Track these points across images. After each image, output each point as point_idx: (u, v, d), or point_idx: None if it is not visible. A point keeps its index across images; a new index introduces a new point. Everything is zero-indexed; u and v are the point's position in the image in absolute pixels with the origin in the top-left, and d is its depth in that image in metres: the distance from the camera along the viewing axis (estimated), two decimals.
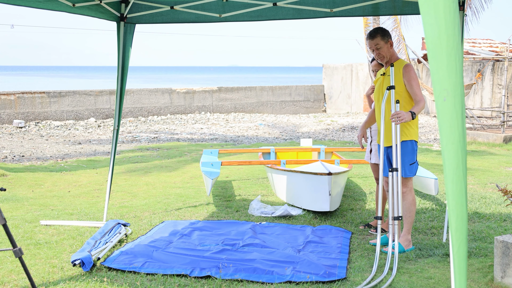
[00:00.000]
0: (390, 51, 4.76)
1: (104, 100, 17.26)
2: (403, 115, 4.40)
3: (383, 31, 4.79)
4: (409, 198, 4.68)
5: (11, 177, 8.15)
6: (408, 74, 4.62)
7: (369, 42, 4.77)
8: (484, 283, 3.89)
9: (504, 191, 4.29)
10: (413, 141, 4.67)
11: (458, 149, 1.49)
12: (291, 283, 3.90)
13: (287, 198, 6.44)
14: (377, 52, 4.75)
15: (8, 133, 14.06)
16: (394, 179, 4.50)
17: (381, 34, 4.74)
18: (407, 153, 4.64)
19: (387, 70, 4.75)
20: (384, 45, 4.72)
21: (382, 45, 4.72)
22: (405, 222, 4.70)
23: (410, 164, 4.63)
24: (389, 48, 4.75)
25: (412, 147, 4.67)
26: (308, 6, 5.42)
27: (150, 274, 4.09)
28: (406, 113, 4.43)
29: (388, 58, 4.76)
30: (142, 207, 6.37)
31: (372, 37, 4.74)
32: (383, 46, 4.72)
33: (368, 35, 4.79)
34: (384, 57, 4.76)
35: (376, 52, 4.76)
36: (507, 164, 9.37)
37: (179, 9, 5.63)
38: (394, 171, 4.50)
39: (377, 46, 4.73)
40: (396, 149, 4.55)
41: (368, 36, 4.79)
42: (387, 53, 4.75)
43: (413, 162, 4.67)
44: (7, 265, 4.25)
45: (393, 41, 4.88)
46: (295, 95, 21.29)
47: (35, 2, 4.73)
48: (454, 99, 1.46)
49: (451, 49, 1.45)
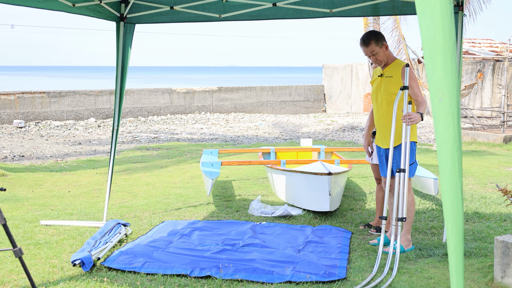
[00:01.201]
0: (386, 54, 4.67)
1: (104, 100, 17.27)
2: (414, 116, 4.35)
3: (376, 35, 4.66)
4: (408, 199, 4.67)
5: (11, 177, 8.15)
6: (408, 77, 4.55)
7: (364, 49, 4.67)
8: (484, 283, 3.89)
9: (504, 191, 4.30)
10: (412, 142, 4.65)
11: (454, 149, 1.50)
12: (291, 283, 3.91)
13: (287, 198, 6.44)
14: (374, 58, 4.66)
15: (8, 133, 14.07)
16: (401, 180, 4.46)
17: (375, 39, 4.62)
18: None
19: (385, 71, 4.69)
20: (380, 50, 4.63)
21: (377, 51, 4.63)
22: (404, 222, 4.70)
23: (409, 165, 4.61)
24: (384, 51, 4.65)
25: (412, 148, 4.65)
26: (308, 7, 5.42)
27: (150, 274, 4.09)
28: (416, 114, 4.38)
29: (386, 61, 4.68)
30: (142, 207, 6.38)
31: (366, 44, 4.63)
32: (379, 51, 4.63)
33: (362, 43, 4.66)
34: (381, 62, 4.68)
35: (372, 58, 4.67)
36: (507, 164, 9.38)
37: (179, 9, 5.63)
38: (402, 172, 4.45)
39: (373, 52, 4.63)
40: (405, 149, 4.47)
41: (362, 43, 4.66)
42: (384, 57, 4.66)
43: (412, 163, 4.66)
44: (7, 265, 4.26)
45: (388, 44, 4.77)
46: (295, 95, 21.30)
47: (35, 2, 4.73)
48: (450, 100, 1.46)
49: (447, 50, 1.46)
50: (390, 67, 4.68)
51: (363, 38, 4.66)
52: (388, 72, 4.67)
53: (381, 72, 4.73)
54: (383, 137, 4.76)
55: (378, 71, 4.81)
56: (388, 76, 4.65)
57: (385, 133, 4.71)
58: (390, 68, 4.68)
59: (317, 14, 5.45)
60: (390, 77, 4.64)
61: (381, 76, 4.71)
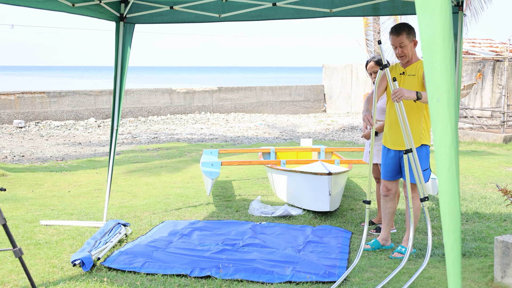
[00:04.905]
0: (413, 50, 4.42)
1: (104, 100, 17.27)
2: (399, 91, 4.03)
3: (409, 28, 4.36)
4: (416, 203, 4.59)
5: (11, 177, 8.16)
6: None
7: (393, 38, 4.35)
8: (484, 283, 3.89)
9: (504, 191, 4.30)
10: (428, 146, 4.48)
11: (451, 149, 1.51)
12: (291, 283, 3.91)
13: (287, 198, 6.44)
14: (400, 50, 4.37)
15: (8, 133, 14.07)
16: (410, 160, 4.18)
17: (407, 31, 4.34)
18: (421, 158, 4.42)
19: (408, 70, 4.43)
20: (409, 44, 4.35)
21: (406, 44, 4.35)
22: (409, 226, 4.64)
23: (423, 170, 4.44)
24: (412, 47, 4.40)
25: (427, 152, 4.48)
26: (308, 6, 5.42)
27: (150, 274, 4.09)
28: (402, 88, 4.07)
29: (410, 58, 4.41)
30: (142, 207, 6.38)
31: (398, 33, 4.33)
32: (408, 44, 4.35)
33: (393, 31, 4.36)
34: (406, 57, 4.39)
35: (399, 50, 4.37)
36: (507, 164, 9.37)
37: (179, 9, 5.63)
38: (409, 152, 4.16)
39: (401, 44, 4.34)
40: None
41: (393, 31, 4.36)
42: (410, 53, 4.38)
43: (427, 168, 4.48)
44: (7, 265, 4.26)
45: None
46: (295, 95, 21.30)
47: (35, 2, 4.74)
48: (448, 101, 1.47)
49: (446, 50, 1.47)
50: (413, 65, 4.45)
51: (396, 26, 4.40)
52: (411, 70, 4.43)
53: (402, 70, 4.48)
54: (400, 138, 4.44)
55: (399, 69, 4.51)
56: (411, 74, 4.42)
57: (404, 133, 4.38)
58: (413, 67, 4.44)
59: (317, 14, 5.45)
60: (413, 75, 4.41)
61: (403, 74, 4.45)
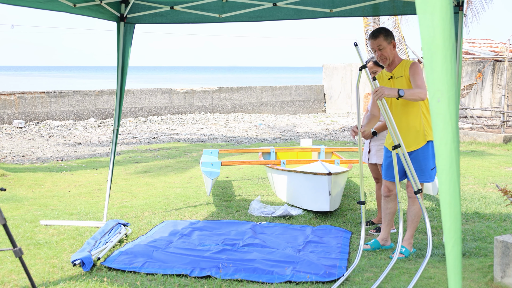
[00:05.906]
0: (393, 52, 4.55)
1: (104, 100, 17.27)
2: (380, 89, 4.05)
3: (386, 31, 4.58)
4: (417, 205, 4.59)
5: (11, 177, 8.16)
6: (413, 69, 4.41)
7: (371, 42, 4.56)
8: (484, 283, 3.89)
9: (504, 191, 4.30)
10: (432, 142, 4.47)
11: (452, 149, 1.51)
12: (291, 283, 3.91)
13: (287, 198, 6.45)
14: (380, 53, 4.53)
15: (8, 133, 14.07)
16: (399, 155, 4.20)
17: (384, 34, 4.53)
18: (429, 156, 4.44)
19: (395, 72, 4.53)
20: (387, 46, 4.51)
21: (385, 46, 4.50)
22: (410, 226, 4.62)
23: (431, 169, 4.45)
24: (392, 49, 4.54)
25: (433, 149, 4.46)
26: (308, 7, 5.42)
27: (150, 274, 4.09)
28: (382, 87, 4.09)
29: (391, 59, 4.55)
30: (142, 207, 6.38)
31: (375, 37, 4.51)
32: (386, 47, 4.51)
33: (371, 35, 4.58)
34: (386, 59, 4.52)
35: (378, 53, 4.52)
36: (507, 164, 9.38)
37: (179, 9, 5.63)
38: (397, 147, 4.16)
39: (380, 47, 4.51)
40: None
41: (371, 36, 4.56)
42: (390, 55, 4.53)
43: (434, 167, 4.46)
44: (7, 265, 4.26)
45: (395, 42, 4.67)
46: (295, 95, 21.30)
47: (35, 2, 4.74)
48: (448, 101, 1.47)
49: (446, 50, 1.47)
50: (398, 67, 4.54)
51: (373, 31, 4.56)
52: (398, 72, 4.53)
53: (389, 74, 4.58)
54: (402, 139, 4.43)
55: (385, 75, 4.63)
56: (399, 76, 4.51)
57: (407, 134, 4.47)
58: (399, 69, 4.53)
59: (317, 14, 5.45)
60: (401, 76, 4.49)
61: (392, 78, 4.55)
